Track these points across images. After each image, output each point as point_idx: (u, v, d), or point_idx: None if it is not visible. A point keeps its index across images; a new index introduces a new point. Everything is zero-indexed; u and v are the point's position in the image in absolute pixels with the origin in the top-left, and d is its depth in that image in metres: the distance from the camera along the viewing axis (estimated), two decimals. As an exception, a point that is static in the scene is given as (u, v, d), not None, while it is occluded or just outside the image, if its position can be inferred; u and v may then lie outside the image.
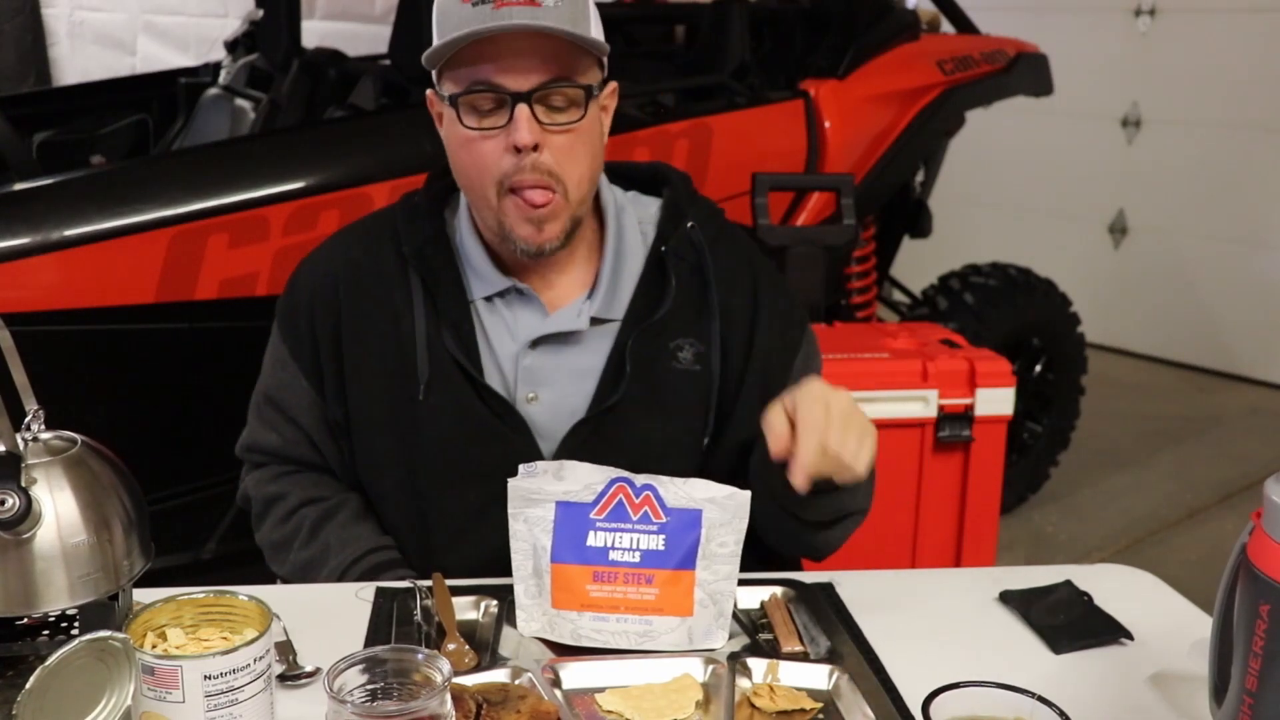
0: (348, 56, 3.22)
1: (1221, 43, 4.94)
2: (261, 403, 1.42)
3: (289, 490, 1.40)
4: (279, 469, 1.42)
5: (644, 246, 1.37)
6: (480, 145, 1.24)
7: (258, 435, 1.43)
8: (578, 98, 1.23)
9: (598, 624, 1.14)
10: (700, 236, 1.37)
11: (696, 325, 1.35)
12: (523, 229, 1.26)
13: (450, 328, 1.31)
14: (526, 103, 1.20)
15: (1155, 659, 1.16)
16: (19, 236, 2.08)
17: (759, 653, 1.13)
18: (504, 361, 1.33)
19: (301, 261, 1.44)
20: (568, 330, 1.32)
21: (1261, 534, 0.89)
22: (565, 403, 1.32)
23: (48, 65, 4.22)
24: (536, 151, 1.22)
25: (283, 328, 1.40)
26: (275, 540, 1.41)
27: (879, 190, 3.34)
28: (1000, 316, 3.41)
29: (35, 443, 1.04)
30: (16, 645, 1.05)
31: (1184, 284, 5.21)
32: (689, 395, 1.34)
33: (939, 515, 2.58)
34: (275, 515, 1.40)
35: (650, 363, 1.32)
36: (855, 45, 3.21)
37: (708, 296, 1.35)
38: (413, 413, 1.32)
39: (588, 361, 1.33)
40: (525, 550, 1.15)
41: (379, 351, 1.33)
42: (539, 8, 1.17)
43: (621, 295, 1.34)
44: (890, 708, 1.04)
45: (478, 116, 1.23)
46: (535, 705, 1.02)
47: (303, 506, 1.38)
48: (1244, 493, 3.83)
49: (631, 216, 1.39)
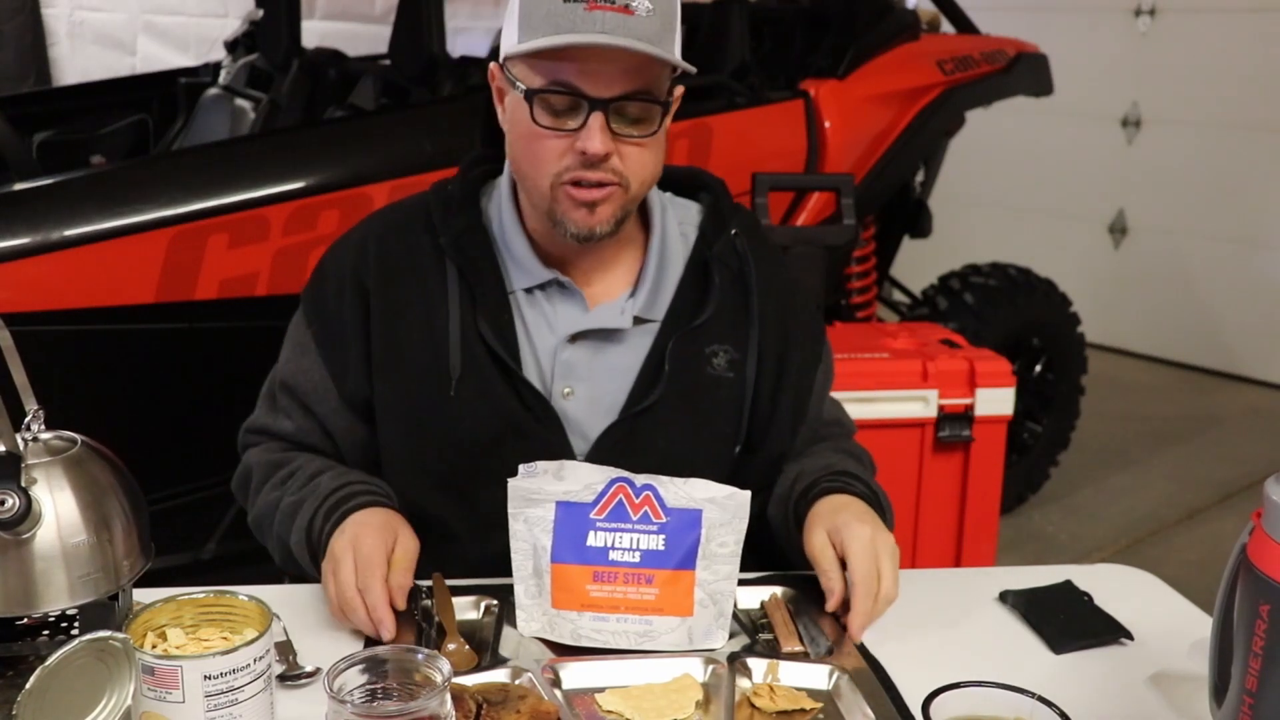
0: (348, 56, 3.23)
1: (1221, 43, 4.94)
2: (276, 389, 1.38)
3: (297, 459, 1.36)
4: (289, 447, 1.39)
5: (685, 249, 1.36)
6: (547, 142, 1.21)
7: (268, 420, 1.40)
8: (654, 112, 1.21)
9: (598, 624, 1.14)
10: (744, 245, 1.36)
11: (735, 333, 1.34)
12: (575, 213, 1.24)
13: (489, 319, 1.29)
14: (603, 111, 1.18)
15: (1155, 659, 1.16)
16: (19, 236, 2.08)
17: (759, 653, 1.13)
18: (542, 355, 1.31)
19: (331, 246, 1.40)
20: (610, 328, 1.31)
21: (1261, 534, 0.89)
22: (602, 400, 1.31)
23: (48, 65, 4.22)
24: (606, 158, 1.20)
25: (308, 312, 1.37)
26: (270, 500, 1.34)
27: (879, 190, 3.34)
28: (1000, 316, 3.41)
29: (35, 443, 1.04)
30: (16, 645, 1.05)
31: (1184, 284, 5.22)
32: (723, 402, 1.34)
33: (939, 515, 2.58)
34: (278, 477, 1.35)
35: (687, 366, 1.31)
36: (855, 45, 3.21)
37: (749, 305, 1.35)
38: (443, 408, 1.29)
39: (626, 360, 1.32)
40: (525, 550, 1.15)
41: (409, 344, 1.31)
42: (631, 16, 1.14)
43: (664, 296, 1.33)
44: (890, 708, 1.04)
45: (551, 115, 1.20)
46: (535, 705, 1.02)
47: (308, 465, 1.35)
48: (1244, 493, 3.83)
49: (673, 217, 1.38)
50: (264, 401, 1.41)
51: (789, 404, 1.37)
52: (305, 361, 1.36)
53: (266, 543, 1.37)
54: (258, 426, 1.41)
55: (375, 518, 1.22)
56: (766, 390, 1.35)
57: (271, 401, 1.40)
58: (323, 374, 1.35)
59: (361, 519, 1.21)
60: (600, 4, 1.14)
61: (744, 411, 1.34)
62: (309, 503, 1.27)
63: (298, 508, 1.28)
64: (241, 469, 1.41)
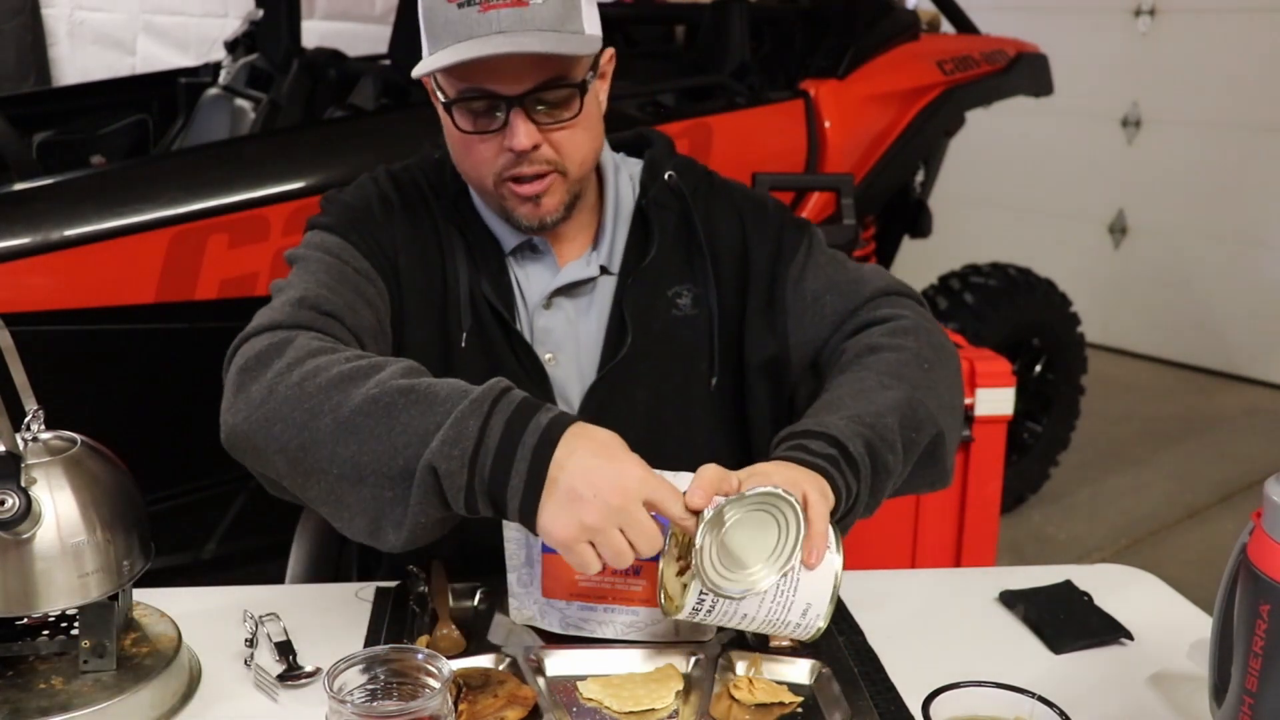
0: (348, 56, 3.22)
1: (1221, 43, 4.94)
2: (297, 301, 1.17)
3: (345, 347, 1.12)
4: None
5: (632, 201, 1.39)
6: (477, 146, 1.24)
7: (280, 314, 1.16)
8: (572, 95, 1.22)
9: (585, 613, 1.15)
10: (681, 185, 1.38)
11: (691, 270, 1.36)
12: (522, 208, 1.27)
13: (490, 276, 1.32)
14: (520, 106, 1.20)
15: (1155, 659, 1.16)
16: (19, 236, 2.07)
17: (746, 646, 1.14)
18: (524, 318, 1.34)
19: (334, 190, 1.37)
20: (581, 279, 1.33)
21: (1261, 534, 0.89)
22: (581, 364, 1.34)
23: (48, 65, 4.22)
24: (535, 150, 1.22)
25: (345, 232, 1.28)
26: (349, 369, 1.05)
27: (879, 190, 3.33)
28: (1000, 316, 3.41)
29: (35, 443, 1.04)
30: (16, 645, 1.05)
31: (1184, 284, 5.21)
32: (692, 341, 1.35)
33: (939, 515, 2.58)
34: (339, 355, 1.08)
35: (651, 315, 1.33)
36: (855, 45, 3.20)
37: (695, 239, 1.36)
38: (451, 362, 1.30)
39: (596, 322, 1.34)
40: (518, 539, 1.16)
41: (426, 295, 1.32)
42: (527, 7, 1.15)
43: (619, 249, 1.36)
44: (869, 702, 1.05)
45: (473, 119, 1.23)
46: (513, 690, 1.03)
47: (379, 357, 1.10)
48: (1244, 493, 3.83)
49: (625, 175, 1.40)
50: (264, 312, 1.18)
51: (762, 314, 1.35)
52: (348, 269, 1.25)
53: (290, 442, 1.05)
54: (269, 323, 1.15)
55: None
56: (734, 313, 1.36)
57: (291, 309, 1.16)
58: (380, 284, 1.28)
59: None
60: (493, 3, 1.15)
61: (714, 344, 1.35)
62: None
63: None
64: (257, 347, 1.12)
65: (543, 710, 1.03)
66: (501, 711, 1.01)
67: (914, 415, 1.18)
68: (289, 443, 1.04)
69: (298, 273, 1.25)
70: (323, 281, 1.21)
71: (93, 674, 1.03)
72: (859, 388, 1.20)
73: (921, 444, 1.19)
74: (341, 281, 1.23)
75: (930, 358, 1.26)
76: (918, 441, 1.18)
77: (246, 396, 1.08)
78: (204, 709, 1.06)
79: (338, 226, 1.30)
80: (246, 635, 1.13)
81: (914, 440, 1.18)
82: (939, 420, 1.21)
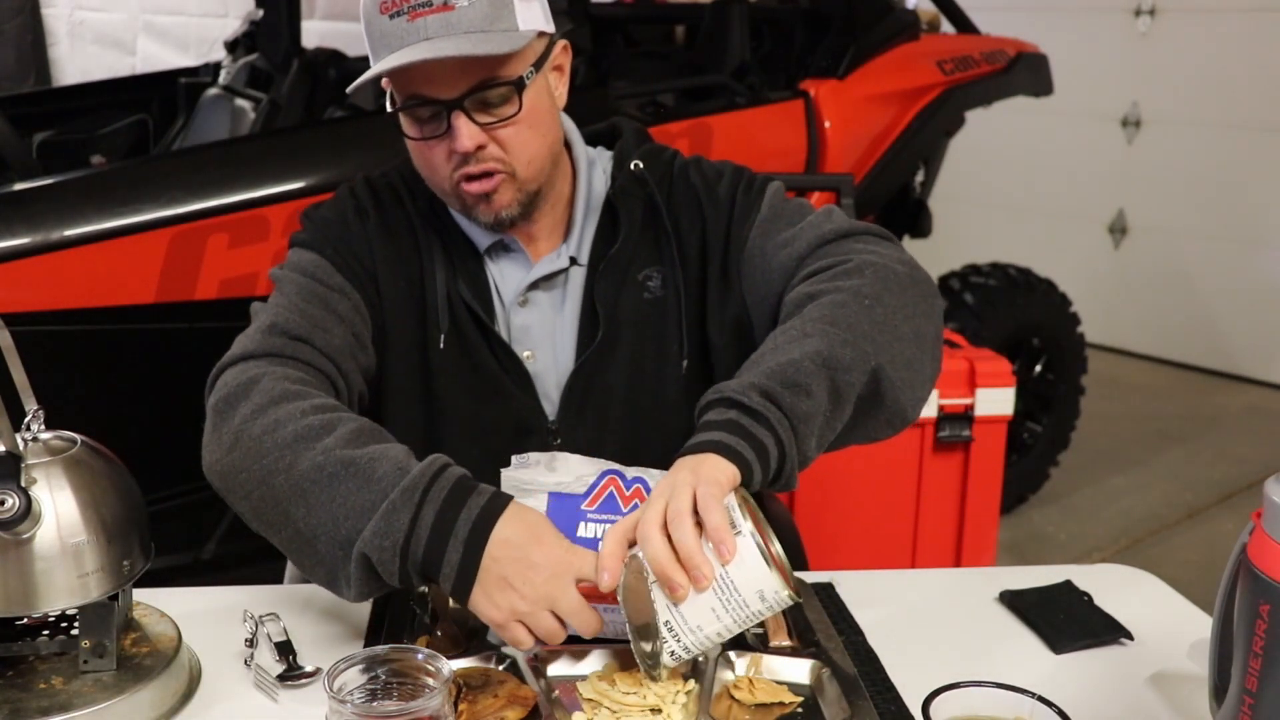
0: (348, 56, 3.22)
1: (1221, 43, 4.94)
2: (268, 328, 1.23)
3: (308, 391, 1.17)
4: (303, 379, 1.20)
5: (604, 193, 1.40)
6: (429, 151, 1.27)
7: (257, 342, 1.22)
8: (509, 94, 1.23)
9: None
10: (646, 173, 1.38)
11: (658, 252, 1.37)
12: (477, 207, 1.29)
13: (467, 277, 1.34)
14: (460, 109, 1.22)
15: (1155, 659, 1.16)
16: (19, 236, 2.08)
17: (747, 646, 1.14)
18: (501, 316, 1.36)
19: (313, 205, 1.40)
20: (552, 272, 1.35)
21: (1261, 534, 0.89)
22: (558, 359, 1.35)
23: (48, 65, 4.23)
24: (481, 150, 1.24)
25: (321, 248, 1.32)
26: (302, 427, 1.10)
27: (879, 190, 3.34)
28: (1000, 316, 3.41)
29: (35, 443, 1.04)
30: (16, 645, 1.05)
31: (1184, 284, 5.21)
32: (662, 323, 1.36)
33: (939, 515, 2.58)
34: (297, 406, 1.12)
35: (621, 301, 1.34)
36: (855, 45, 3.21)
37: (660, 223, 1.37)
38: (431, 364, 1.33)
39: (568, 317, 1.36)
40: None
41: (405, 299, 1.34)
42: (453, 11, 1.17)
43: (588, 240, 1.37)
44: (869, 702, 1.05)
45: (419, 125, 1.26)
46: (513, 690, 1.04)
47: (335, 410, 1.14)
48: (1244, 493, 3.83)
49: (599, 169, 1.41)
50: (241, 340, 1.24)
51: (721, 285, 1.35)
52: (322, 287, 1.29)
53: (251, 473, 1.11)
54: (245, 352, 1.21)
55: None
56: (696, 285, 1.36)
57: (265, 337, 1.22)
58: (355, 297, 1.31)
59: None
60: (420, 10, 1.18)
61: (682, 323, 1.35)
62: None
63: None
64: (230, 383, 1.17)
65: (543, 710, 1.03)
66: (501, 711, 1.00)
67: (837, 356, 1.11)
68: (251, 493, 1.11)
69: (274, 296, 1.30)
70: (294, 305, 1.26)
71: (93, 674, 1.03)
72: (775, 343, 1.15)
73: (857, 385, 1.12)
74: (312, 302, 1.28)
75: (873, 293, 1.18)
76: (851, 383, 1.11)
77: (218, 439, 1.15)
78: (204, 709, 1.06)
79: (314, 243, 1.34)
80: (246, 635, 1.13)
81: (847, 382, 1.11)
82: (875, 356, 1.13)
